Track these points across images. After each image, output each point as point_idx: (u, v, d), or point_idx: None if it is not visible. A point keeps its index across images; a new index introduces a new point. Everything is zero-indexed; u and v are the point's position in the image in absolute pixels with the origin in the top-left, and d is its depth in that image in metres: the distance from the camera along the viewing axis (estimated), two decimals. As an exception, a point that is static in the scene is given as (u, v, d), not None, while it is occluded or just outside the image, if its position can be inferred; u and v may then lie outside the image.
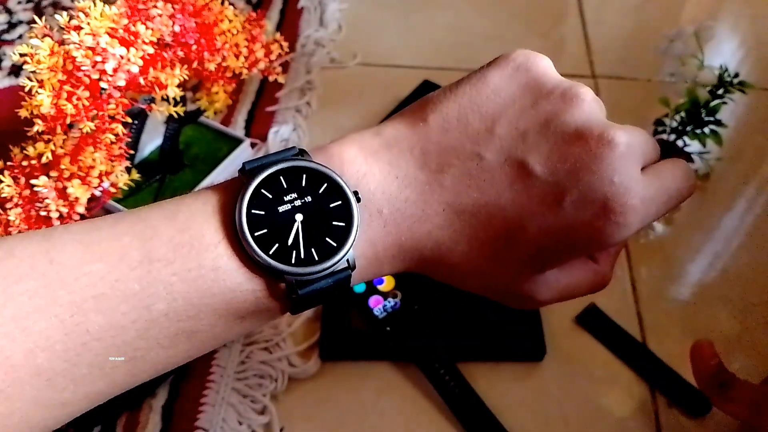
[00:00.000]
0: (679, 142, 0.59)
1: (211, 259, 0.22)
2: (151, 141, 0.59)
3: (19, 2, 0.80)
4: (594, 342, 0.49)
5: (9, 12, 0.79)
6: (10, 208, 0.42)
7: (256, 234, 0.22)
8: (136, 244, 0.21)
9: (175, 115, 0.46)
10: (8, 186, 0.41)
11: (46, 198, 0.42)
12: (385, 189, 0.24)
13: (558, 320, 0.50)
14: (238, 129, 0.65)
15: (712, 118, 0.56)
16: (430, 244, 0.25)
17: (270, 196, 0.23)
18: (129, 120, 0.43)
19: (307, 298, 0.23)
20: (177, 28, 0.45)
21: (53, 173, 0.42)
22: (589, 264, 0.27)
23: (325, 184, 0.24)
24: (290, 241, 0.23)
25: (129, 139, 0.45)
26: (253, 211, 0.22)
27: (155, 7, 0.44)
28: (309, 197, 0.23)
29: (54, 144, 0.42)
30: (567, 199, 0.23)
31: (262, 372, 0.47)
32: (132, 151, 0.48)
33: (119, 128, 0.43)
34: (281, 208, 0.23)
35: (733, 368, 0.39)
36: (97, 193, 0.45)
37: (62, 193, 0.42)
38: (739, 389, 0.37)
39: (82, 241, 0.22)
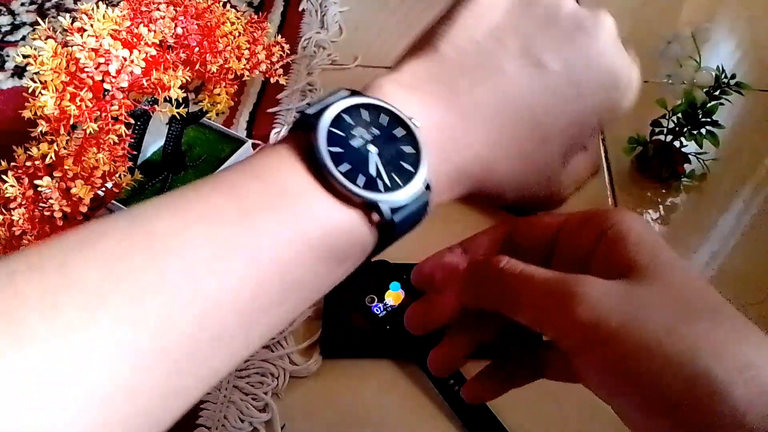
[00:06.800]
0: (676, 143, 0.59)
1: (307, 205, 0.22)
2: (154, 142, 0.59)
3: (23, 4, 0.81)
4: (592, 341, 0.49)
5: (12, 14, 0.80)
6: (13, 209, 0.42)
7: (341, 170, 0.22)
8: (229, 202, 0.21)
9: (178, 117, 0.47)
10: (12, 186, 0.42)
11: (50, 198, 0.42)
12: (430, 118, 0.25)
13: (556, 319, 0.50)
14: (240, 130, 0.66)
15: (708, 119, 0.57)
16: (478, 162, 0.26)
17: (341, 134, 0.23)
18: (132, 121, 0.44)
19: (401, 225, 0.23)
20: (179, 31, 0.45)
21: (57, 174, 0.43)
22: (584, 152, 0.29)
23: (385, 116, 0.24)
24: (373, 172, 0.23)
25: (132, 140, 0.46)
26: (330, 149, 0.22)
27: (158, 9, 0.45)
28: (375, 129, 0.24)
29: (57, 145, 0.42)
30: (584, 85, 0.26)
31: (263, 370, 0.47)
32: (135, 152, 0.49)
33: (122, 129, 0.43)
34: (354, 143, 0.23)
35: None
36: (100, 193, 0.45)
37: (66, 194, 0.43)
38: None
39: (174, 209, 0.20)
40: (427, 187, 0.24)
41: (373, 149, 0.23)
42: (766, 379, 0.19)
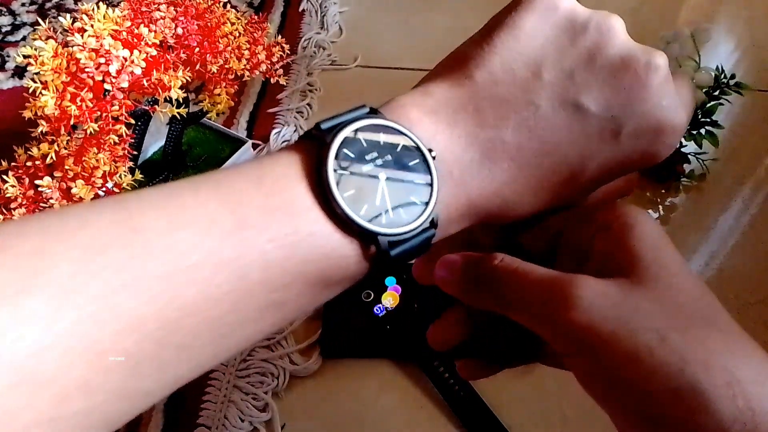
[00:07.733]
0: (676, 143, 0.59)
1: (306, 224, 0.21)
2: (155, 142, 0.59)
3: (23, 4, 0.81)
4: (592, 340, 0.49)
5: (12, 14, 0.80)
6: (14, 209, 0.42)
7: (346, 195, 0.21)
8: (224, 210, 0.20)
9: (178, 117, 0.47)
10: (12, 186, 0.42)
11: (50, 198, 0.42)
12: (452, 150, 0.24)
13: (556, 319, 0.50)
14: (240, 130, 0.66)
15: (708, 120, 0.57)
16: (498, 201, 0.24)
17: (352, 156, 0.22)
18: (132, 121, 0.44)
19: (396, 260, 0.22)
20: (180, 31, 0.46)
21: (57, 174, 0.43)
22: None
23: (402, 143, 0.23)
24: (378, 201, 0.22)
25: (132, 140, 0.46)
26: (338, 171, 0.21)
27: (158, 9, 0.45)
28: (389, 156, 0.23)
29: (58, 145, 0.42)
30: (624, 132, 0.24)
31: (263, 370, 0.48)
32: (135, 152, 0.49)
33: (123, 129, 0.43)
34: (365, 168, 0.22)
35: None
36: (101, 193, 0.45)
37: (66, 194, 0.43)
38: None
39: (165, 208, 0.19)
40: (433, 224, 0.23)
41: (383, 177, 0.22)
42: (752, 394, 0.19)
